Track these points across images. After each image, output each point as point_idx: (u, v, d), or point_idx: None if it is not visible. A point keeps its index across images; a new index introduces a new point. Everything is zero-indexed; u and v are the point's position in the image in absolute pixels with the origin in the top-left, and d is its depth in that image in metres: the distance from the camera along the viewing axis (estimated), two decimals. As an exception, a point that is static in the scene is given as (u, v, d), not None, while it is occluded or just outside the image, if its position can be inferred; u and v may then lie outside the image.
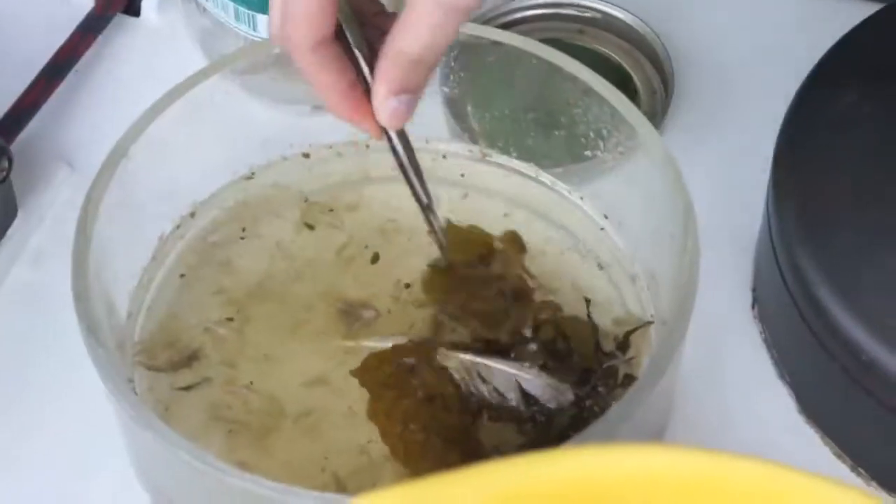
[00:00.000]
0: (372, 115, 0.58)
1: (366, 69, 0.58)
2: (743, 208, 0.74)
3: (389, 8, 0.61)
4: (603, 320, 0.67)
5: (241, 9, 0.75)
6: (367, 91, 0.58)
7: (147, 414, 0.60)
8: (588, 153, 0.69)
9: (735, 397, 0.70)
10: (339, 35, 0.58)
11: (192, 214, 0.70)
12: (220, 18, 0.76)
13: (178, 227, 0.70)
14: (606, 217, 0.69)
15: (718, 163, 0.76)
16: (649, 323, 0.66)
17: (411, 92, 0.58)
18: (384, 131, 0.59)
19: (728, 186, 0.75)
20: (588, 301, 0.67)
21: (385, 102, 0.57)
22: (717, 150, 0.77)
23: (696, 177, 0.65)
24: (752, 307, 0.72)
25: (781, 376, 0.70)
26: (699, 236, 0.62)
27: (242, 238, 0.70)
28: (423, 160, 0.62)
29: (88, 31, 0.81)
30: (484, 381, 0.63)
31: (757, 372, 0.70)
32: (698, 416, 0.68)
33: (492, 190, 0.71)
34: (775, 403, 0.70)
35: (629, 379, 0.64)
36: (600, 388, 0.64)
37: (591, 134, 0.68)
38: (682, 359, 0.62)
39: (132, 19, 0.84)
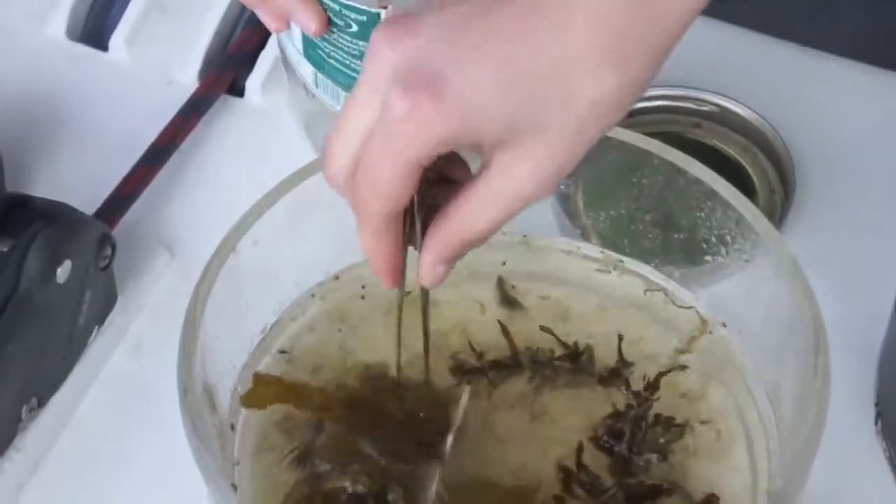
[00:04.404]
0: (399, 274, 0.59)
1: (419, 236, 0.58)
2: (865, 316, 0.72)
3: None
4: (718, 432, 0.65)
5: (352, 98, 0.73)
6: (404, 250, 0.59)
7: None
8: (708, 258, 0.67)
9: (857, 520, 0.67)
10: None
11: (298, 308, 0.68)
12: (327, 104, 0.75)
13: (279, 320, 0.68)
14: (725, 325, 0.67)
15: (840, 268, 0.74)
16: (683, 367, 0.65)
17: (457, 259, 0.58)
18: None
19: (850, 294, 0.73)
20: (621, 337, 0.66)
21: (433, 269, 0.58)
22: (839, 256, 0.75)
23: (813, 281, 0.63)
24: (876, 423, 0.69)
25: (907, 499, 0.68)
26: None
27: (340, 331, 0.68)
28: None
29: (192, 112, 0.80)
30: None
31: (881, 494, 0.68)
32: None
33: (601, 289, 0.70)
34: (900, 528, 0.67)
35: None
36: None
37: (713, 239, 0.66)
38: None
39: (235, 100, 0.83)
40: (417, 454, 0.62)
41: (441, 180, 0.58)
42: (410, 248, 0.59)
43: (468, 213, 0.56)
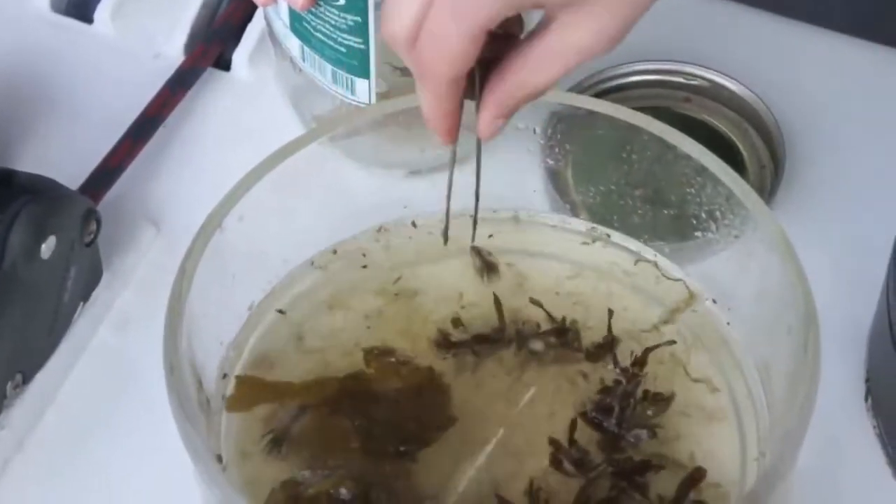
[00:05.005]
0: (455, 132, 0.60)
1: (477, 90, 0.59)
2: (855, 294, 0.71)
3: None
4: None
5: (340, 72, 0.72)
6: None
7: (236, 497, 0.58)
8: (698, 234, 0.66)
9: (845, 498, 0.67)
10: None
11: (286, 282, 0.68)
12: (315, 79, 0.74)
13: (268, 296, 0.68)
14: (715, 301, 0.66)
15: (830, 245, 0.74)
16: (671, 342, 0.64)
17: (514, 113, 0.60)
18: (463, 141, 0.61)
19: (840, 270, 0.72)
20: (611, 312, 0.66)
21: (493, 123, 0.60)
22: (828, 232, 0.74)
23: (803, 257, 0.62)
24: (866, 399, 0.69)
25: (897, 476, 0.68)
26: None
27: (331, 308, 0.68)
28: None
29: (178, 86, 0.80)
30: None
31: (870, 471, 0.67)
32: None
33: (589, 264, 0.69)
34: (889, 505, 0.67)
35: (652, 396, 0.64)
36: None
37: (703, 215, 0.66)
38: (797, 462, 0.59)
39: (222, 73, 0.82)
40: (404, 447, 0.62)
41: (495, 35, 0.58)
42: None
43: (527, 69, 0.58)
